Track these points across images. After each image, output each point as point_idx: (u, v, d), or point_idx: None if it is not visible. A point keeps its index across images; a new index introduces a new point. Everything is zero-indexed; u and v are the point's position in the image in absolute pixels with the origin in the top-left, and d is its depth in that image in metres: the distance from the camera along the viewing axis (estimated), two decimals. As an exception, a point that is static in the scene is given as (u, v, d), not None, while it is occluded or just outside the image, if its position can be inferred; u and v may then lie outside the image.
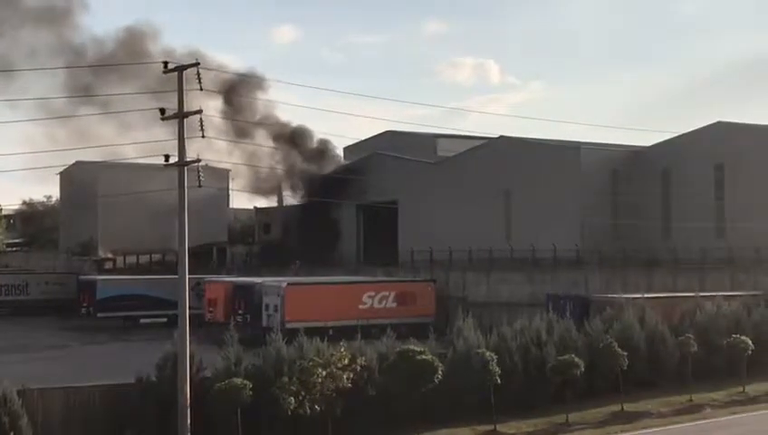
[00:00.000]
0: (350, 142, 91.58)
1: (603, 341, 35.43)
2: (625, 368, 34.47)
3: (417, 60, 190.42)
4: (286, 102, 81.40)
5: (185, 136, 27.81)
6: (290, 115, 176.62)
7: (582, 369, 33.05)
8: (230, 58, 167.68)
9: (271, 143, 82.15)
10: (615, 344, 34.89)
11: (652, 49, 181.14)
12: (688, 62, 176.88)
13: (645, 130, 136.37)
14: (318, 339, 31.05)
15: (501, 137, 72.85)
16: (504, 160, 69.77)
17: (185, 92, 27.66)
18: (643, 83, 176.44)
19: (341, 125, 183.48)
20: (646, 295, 45.61)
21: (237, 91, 77.41)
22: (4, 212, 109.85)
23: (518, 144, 70.86)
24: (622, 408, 33.76)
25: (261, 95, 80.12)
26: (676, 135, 67.49)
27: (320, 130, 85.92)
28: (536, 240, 62.18)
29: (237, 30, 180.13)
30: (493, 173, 69.93)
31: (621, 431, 31.15)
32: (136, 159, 58.05)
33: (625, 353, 34.61)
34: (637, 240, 63.21)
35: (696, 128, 66.43)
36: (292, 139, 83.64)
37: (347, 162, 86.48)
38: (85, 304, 64.97)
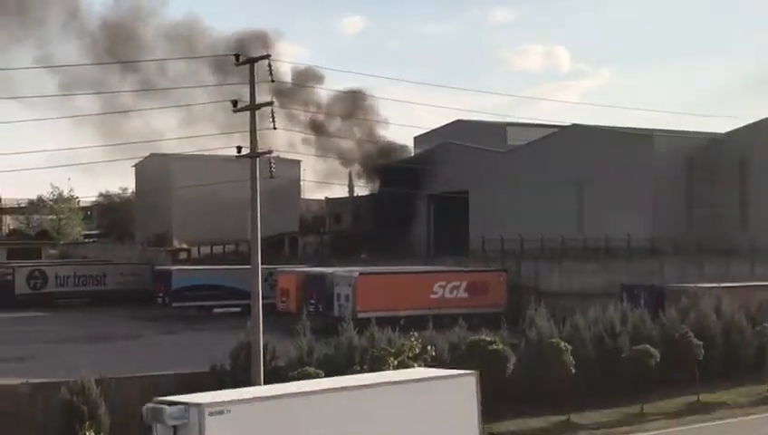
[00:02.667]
0: (420, 132, 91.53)
1: (678, 331, 34.95)
2: (701, 358, 33.97)
3: (486, 48, 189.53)
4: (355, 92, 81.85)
5: (257, 127, 28.02)
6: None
7: (658, 359, 32.64)
8: (298, 50, 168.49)
9: (343, 133, 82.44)
10: (691, 334, 34.42)
11: (724, 35, 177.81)
12: (761, 49, 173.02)
13: (719, 117, 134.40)
14: (389, 328, 31.14)
15: (572, 125, 72.16)
16: (576, 149, 68.98)
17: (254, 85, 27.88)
18: (716, 70, 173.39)
19: (411, 115, 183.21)
20: (722, 284, 44.80)
21: (304, 81, 77.81)
22: (81, 204, 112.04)
23: (590, 132, 70.02)
24: (698, 398, 33.28)
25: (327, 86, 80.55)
26: (753, 121, 66.09)
27: (389, 120, 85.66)
28: (609, 229, 61.43)
29: (305, 21, 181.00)
30: (564, 162, 69.19)
31: (697, 422, 30.71)
32: (209, 151, 58.79)
33: (701, 344, 34.11)
34: (713, 229, 62.06)
35: (773, 113, 65.01)
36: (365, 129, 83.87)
37: (417, 152, 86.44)
38: (161, 294, 65.88)
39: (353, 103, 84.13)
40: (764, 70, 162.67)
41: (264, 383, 27.24)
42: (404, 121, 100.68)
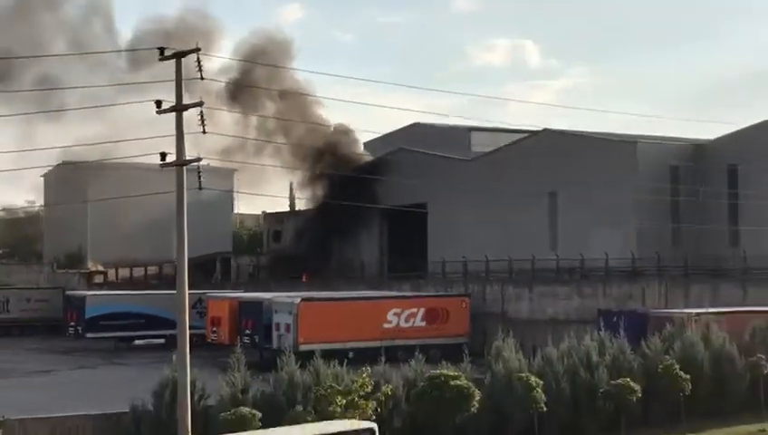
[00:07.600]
0: (372, 137, 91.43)
1: (662, 362, 35.33)
2: (687, 393, 34.37)
3: (446, 43, 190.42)
4: (296, 90, 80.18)
5: (183, 131, 27.90)
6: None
7: (639, 394, 32.98)
8: (231, 43, 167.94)
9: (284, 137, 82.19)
10: (676, 366, 34.80)
11: (709, 29, 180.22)
12: (750, 47, 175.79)
13: (703, 122, 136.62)
14: (336, 363, 31.13)
15: (545, 130, 72.37)
16: (549, 156, 69.32)
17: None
18: (701, 67, 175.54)
19: (361, 118, 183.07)
20: (710, 310, 45.41)
21: (243, 78, 77.72)
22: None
23: (564, 138, 70.46)
24: (684, 439, 33.63)
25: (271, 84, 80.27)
26: (743, 126, 66.94)
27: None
28: (586, 248, 61.92)
29: (239, 11, 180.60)
30: (536, 171, 69.61)
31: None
32: (130, 159, 58.35)
33: (687, 377, 34.50)
34: (701, 247, 62.84)
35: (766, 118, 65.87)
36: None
37: (369, 160, 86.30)
38: (73, 324, 65.33)
39: (296, 104, 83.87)
40: (748, 73, 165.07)
41: (192, 426, 27.13)
42: (354, 125, 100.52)
